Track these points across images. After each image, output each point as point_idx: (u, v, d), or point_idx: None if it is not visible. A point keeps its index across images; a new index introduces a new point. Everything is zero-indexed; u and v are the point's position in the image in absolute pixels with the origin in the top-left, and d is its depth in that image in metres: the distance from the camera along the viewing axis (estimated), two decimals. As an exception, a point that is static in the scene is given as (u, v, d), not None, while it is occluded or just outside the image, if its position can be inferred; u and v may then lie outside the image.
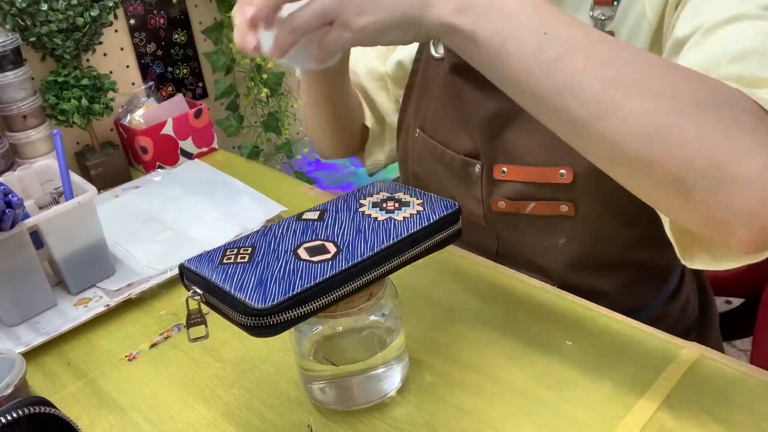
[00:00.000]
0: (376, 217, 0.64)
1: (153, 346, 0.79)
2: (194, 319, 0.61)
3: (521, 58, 0.53)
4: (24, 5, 1.06)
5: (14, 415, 0.48)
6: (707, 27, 0.59)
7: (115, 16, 1.20)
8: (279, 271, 0.57)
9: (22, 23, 1.08)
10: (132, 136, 1.22)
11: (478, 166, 0.80)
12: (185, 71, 1.40)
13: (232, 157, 1.29)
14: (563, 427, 0.60)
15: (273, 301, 0.54)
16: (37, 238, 0.84)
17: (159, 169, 1.23)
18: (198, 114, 1.25)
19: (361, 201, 0.67)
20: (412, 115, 0.90)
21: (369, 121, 0.99)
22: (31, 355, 0.79)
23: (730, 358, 0.65)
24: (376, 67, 0.97)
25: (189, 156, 1.26)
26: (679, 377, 0.63)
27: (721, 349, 0.95)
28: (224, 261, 0.59)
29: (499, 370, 0.67)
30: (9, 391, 0.66)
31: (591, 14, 0.71)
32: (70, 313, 0.85)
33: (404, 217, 0.63)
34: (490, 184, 0.80)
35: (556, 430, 0.60)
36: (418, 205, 0.65)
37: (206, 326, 0.61)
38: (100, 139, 1.26)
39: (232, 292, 0.55)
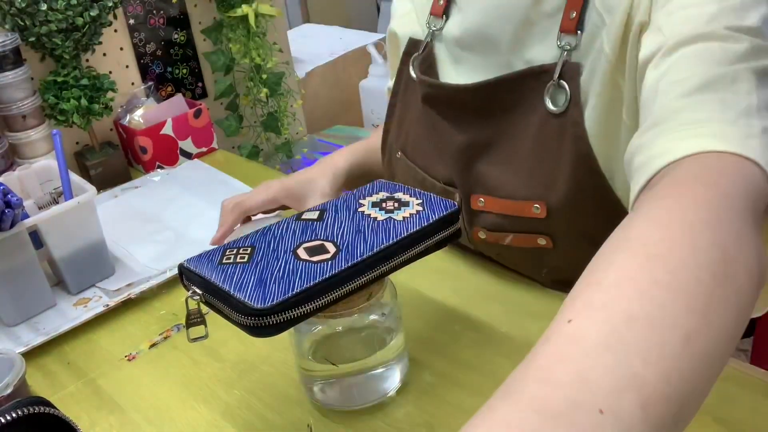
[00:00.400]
0: (376, 217, 0.64)
1: (153, 346, 0.79)
2: (194, 319, 0.61)
3: None
4: (23, 5, 1.06)
5: (14, 415, 0.48)
6: (668, 46, 0.56)
7: (115, 16, 1.20)
8: (278, 270, 0.57)
9: (22, 23, 1.08)
10: (131, 136, 1.22)
11: (458, 195, 0.78)
12: (185, 71, 1.40)
13: (232, 156, 1.29)
14: (563, 427, 0.60)
15: (272, 301, 0.54)
16: (36, 238, 0.84)
17: (158, 169, 1.23)
18: (197, 114, 1.25)
19: (360, 201, 0.67)
20: (394, 135, 0.88)
21: None
22: (30, 355, 0.79)
23: (730, 358, 0.65)
24: None
25: (188, 156, 1.26)
26: (679, 377, 0.63)
27: None
28: (224, 261, 0.59)
29: (499, 370, 0.67)
30: (9, 391, 0.66)
31: (558, 44, 0.69)
32: (69, 313, 0.85)
33: (404, 217, 0.63)
34: (470, 213, 0.78)
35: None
36: (418, 205, 0.65)
37: (206, 326, 0.61)
38: (100, 139, 1.26)
39: (232, 292, 0.55)
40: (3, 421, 0.47)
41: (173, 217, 1.04)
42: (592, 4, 0.67)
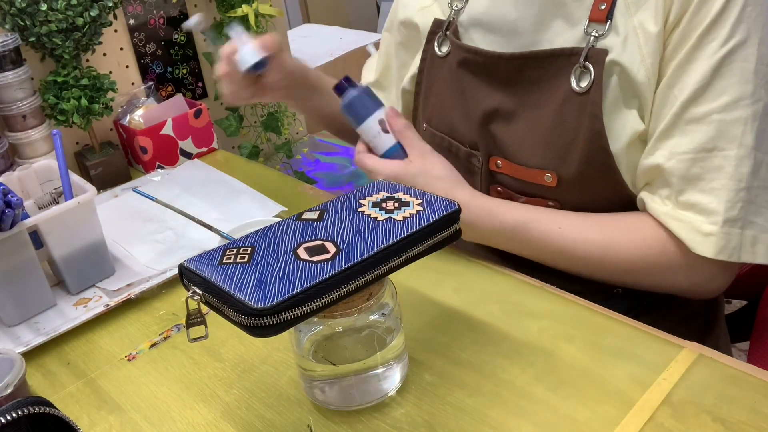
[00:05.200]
0: (376, 217, 0.64)
1: (153, 346, 0.79)
2: (194, 319, 0.61)
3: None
4: (24, 5, 1.06)
5: (14, 415, 0.48)
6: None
7: (115, 16, 1.20)
8: (279, 271, 0.57)
9: (22, 23, 1.08)
10: (131, 136, 1.22)
11: (480, 157, 0.84)
12: (185, 71, 1.40)
13: (232, 157, 1.29)
14: (563, 427, 0.60)
15: (273, 301, 0.54)
16: (36, 238, 0.84)
17: (159, 169, 1.23)
18: (197, 114, 1.25)
19: (360, 201, 0.67)
20: (420, 111, 0.94)
21: None
22: (30, 355, 0.79)
23: (729, 358, 0.65)
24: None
25: (189, 156, 1.26)
26: (679, 377, 0.63)
27: (727, 337, 0.96)
28: (224, 261, 0.59)
29: (499, 370, 0.67)
30: (9, 391, 0.66)
31: (586, 30, 0.74)
32: (69, 313, 0.85)
33: (404, 217, 0.63)
34: (488, 174, 0.85)
35: (555, 430, 0.60)
36: (418, 205, 0.65)
37: (206, 326, 0.61)
38: (100, 139, 1.26)
39: (232, 292, 0.55)
40: (3, 421, 0.47)
41: (173, 217, 1.04)
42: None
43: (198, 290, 0.58)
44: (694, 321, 0.91)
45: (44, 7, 1.07)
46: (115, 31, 1.27)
